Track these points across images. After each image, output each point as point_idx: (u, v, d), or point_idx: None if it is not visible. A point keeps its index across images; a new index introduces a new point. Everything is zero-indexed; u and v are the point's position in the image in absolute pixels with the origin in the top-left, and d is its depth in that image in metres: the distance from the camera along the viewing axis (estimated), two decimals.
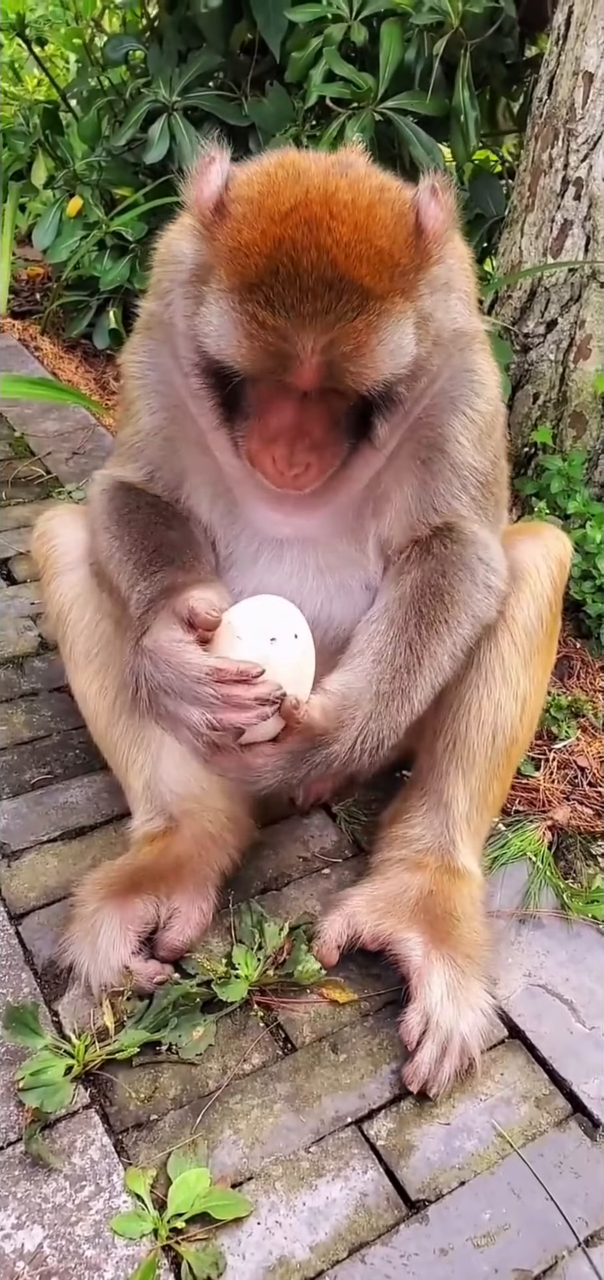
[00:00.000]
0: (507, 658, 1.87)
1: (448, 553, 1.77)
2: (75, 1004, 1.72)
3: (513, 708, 1.89)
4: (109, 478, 1.90)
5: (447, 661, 1.74)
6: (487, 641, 1.87)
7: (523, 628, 1.88)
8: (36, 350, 4.43)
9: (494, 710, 1.87)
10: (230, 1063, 1.66)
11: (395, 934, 1.76)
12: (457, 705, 1.89)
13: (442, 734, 1.90)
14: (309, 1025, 1.73)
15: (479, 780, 1.89)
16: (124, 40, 4.24)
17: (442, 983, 1.69)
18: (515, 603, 1.88)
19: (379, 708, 1.66)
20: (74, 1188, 1.46)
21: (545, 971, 1.88)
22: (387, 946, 1.77)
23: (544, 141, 2.90)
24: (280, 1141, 1.55)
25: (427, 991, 1.68)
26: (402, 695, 1.69)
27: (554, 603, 1.93)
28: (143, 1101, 1.59)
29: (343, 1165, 1.53)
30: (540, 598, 1.89)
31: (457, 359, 1.73)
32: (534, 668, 1.91)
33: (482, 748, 1.88)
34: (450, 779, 1.88)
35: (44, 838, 2.04)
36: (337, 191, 1.52)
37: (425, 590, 1.75)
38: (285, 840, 2.10)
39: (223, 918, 1.89)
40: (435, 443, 1.76)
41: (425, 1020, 1.66)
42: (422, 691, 1.71)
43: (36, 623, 2.69)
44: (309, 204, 1.50)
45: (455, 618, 1.75)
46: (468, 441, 1.77)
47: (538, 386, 3.01)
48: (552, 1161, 1.56)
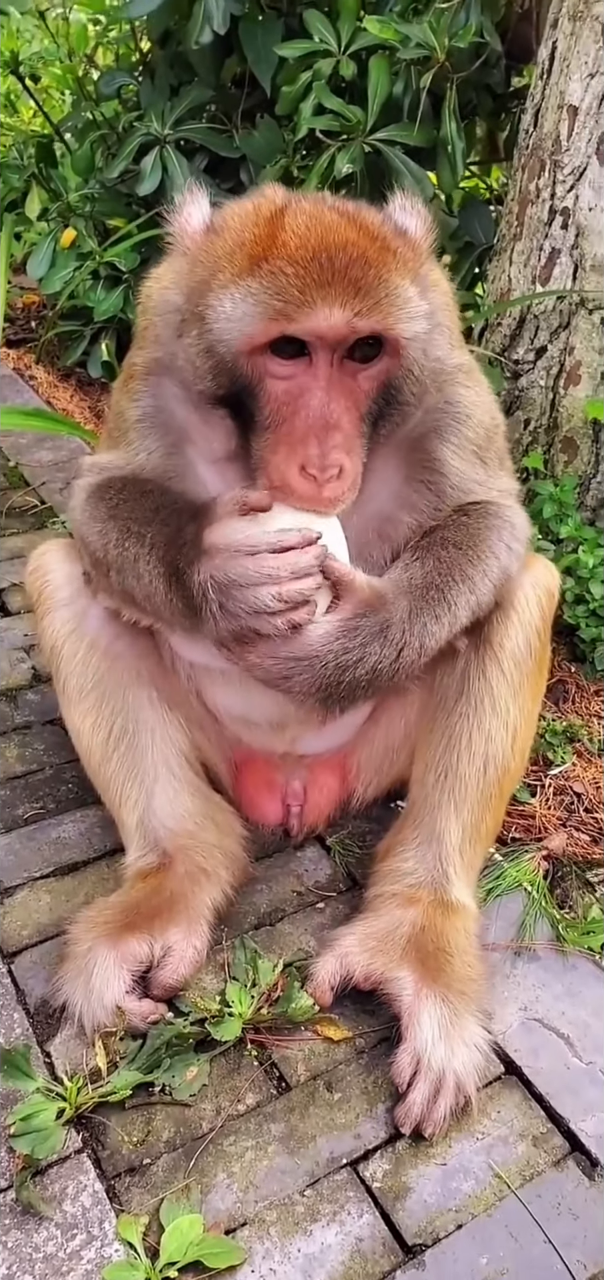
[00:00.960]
0: (496, 688, 1.87)
1: (474, 509, 1.80)
2: (68, 1044, 1.70)
3: (504, 738, 1.88)
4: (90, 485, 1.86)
5: (478, 582, 1.74)
6: (476, 671, 1.87)
7: (512, 657, 1.87)
8: (31, 379, 4.45)
9: (485, 741, 1.87)
10: (224, 1103, 1.64)
11: (387, 973, 1.75)
12: (448, 737, 1.88)
13: (433, 766, 1.89)
14: (303, 1063, 1.72)
15: (472, 812, 1.88)
16: (117, 75, 4.29)
17: (433, 1021, 1.67)
18: (504, 632, 1.87)
19: (415, 594, 1.66)
20: (65, 1236, 1.44)
21: (541, 1005, 1.86)
22: (378, 986, 1.75)
23: (531, 172, 2.93)
24: (275, 1184, 1.53)
25: (417, 1031, 1.67)
26: (438, 593, 1.68)
27: (543, 632, 1.93)
28: (135, 1145, 1.57)
29: (338, 1209, 1.51)
30: (529, 627, 1.89)
31: (435, 394, 1.74)
32: (524, 697, 1.91)
33: (473, 779, 1.87)
34: (442, 811, 1.87)
35: (37, 874, 2.03)
36: (322, 199, 1.63)
37: (452, 527, 1.77)
38: (279, 874, 2.08)
39: (216, 954, 1.88)
40: (434, 467, 1.79)
41: (416, 1061, 1.65)
42: (457, 597, 1.70)
43: (30, 655, 2.68)
44: (300, 203, 1.59)
45: (482, 553, 1.75)
46: (464, 464, 1.80)
47: (529, 412, 3.02)
48: (550, 1203, 1.55)
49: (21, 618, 2.84)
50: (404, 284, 1.55)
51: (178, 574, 1.62)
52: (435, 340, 1.69)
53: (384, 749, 2.09)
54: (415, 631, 1.64)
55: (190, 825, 1.96)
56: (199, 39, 3.42)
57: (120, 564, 1.74)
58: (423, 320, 1.59)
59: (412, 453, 1.79)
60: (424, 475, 1.80)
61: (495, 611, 1.85)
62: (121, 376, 1.91)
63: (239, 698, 1.95)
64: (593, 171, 2.76)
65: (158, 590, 1.67)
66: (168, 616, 1.71)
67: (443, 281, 1.81)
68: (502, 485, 1.90)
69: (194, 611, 1.60)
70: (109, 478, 1.83)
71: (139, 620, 1.85)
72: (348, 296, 1.49)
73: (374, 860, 2.00)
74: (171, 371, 1.73)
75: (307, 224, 1.53)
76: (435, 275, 1.76)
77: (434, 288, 1.72)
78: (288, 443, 1.57)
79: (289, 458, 1.57)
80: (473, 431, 1.81)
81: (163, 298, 1.74)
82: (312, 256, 1.49)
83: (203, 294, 1.58)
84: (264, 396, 1.59)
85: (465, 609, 1.72)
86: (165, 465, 1.81)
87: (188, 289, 1.64)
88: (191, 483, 1.80)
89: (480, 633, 1.85)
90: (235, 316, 1.52)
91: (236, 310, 1.52)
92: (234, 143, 3.83)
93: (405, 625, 1.63)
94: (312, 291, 1.48)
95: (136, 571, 1.71)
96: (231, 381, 1.59)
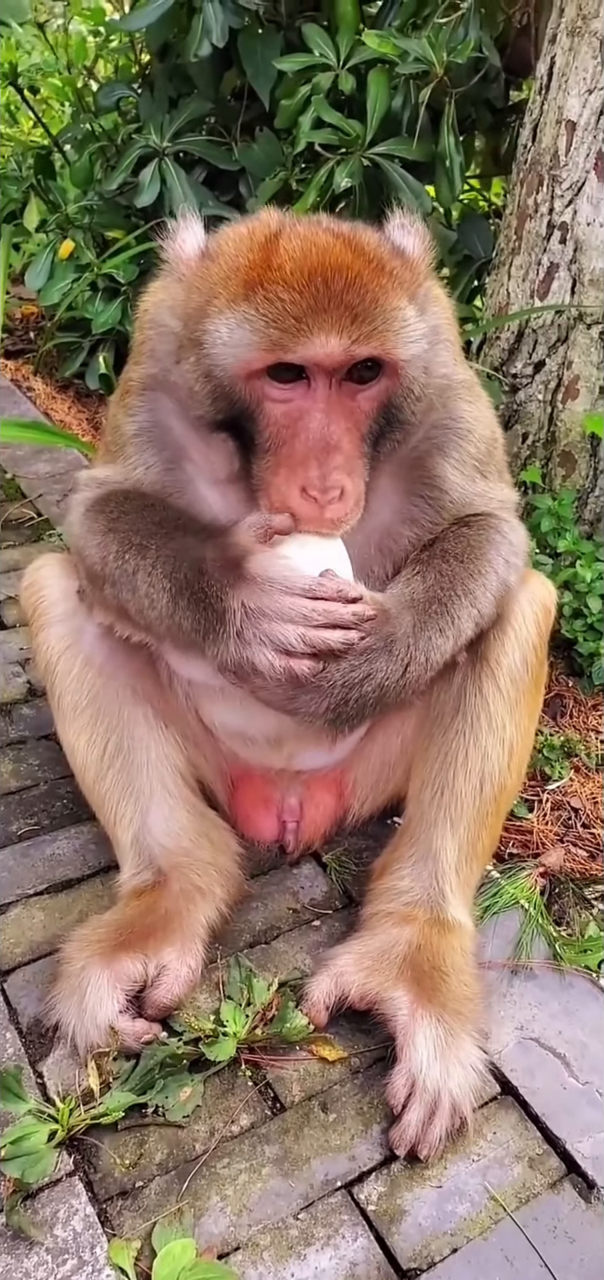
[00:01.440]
0: (493, 705, 1.86)
1: (473, 521, 1.81)
2: (60, 1065, 1.69)
3: (500, 754, 1.87)
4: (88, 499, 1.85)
5: (479, 595, 1.74)
6: (472, 688, 1.86)
7: (508, 674, 1.86)
8: (29, 390, 4.44)
9: (481, 758, 1.86)
10: (218, 1124, 1.63)
11: (382, 992, 1.74)
12: (444, 754, 1.87)
13: (429, 783, 1.88)
14: (298, 1084, 1.70)
15: (468, 830, 1.87)
16: (116, 87, 4.29)
17: (428, 1042, 1.66)
18: (501, 649, 1.86)
19: (419, 610, 1.67)
20: (56, 1261, 1.42)
21: (538, 1024, 1.85)
22: (374, 1005, 1.74)
23: (529, 187, 2.93)
24: (268, 1208, 1.52)
25: (412, 1052, 1.66)
26: (441, 606, 1.69)
27: (539, 648, 1.92)
28: (128, 1168, 1.55)
29: (332, 1233, 1.50)
30: (526, 644, 1.88)
31: (439, 409, 1.75)
32: (521, 714, 1.90)
33: (470, 797, 1.86)
34: (439, 829, 1.86)
35: (30, 891, 2.02)
36: (318, 221, 1.62)
37: (452, 540, 1.77)
38: (275, 892, 2.07)
39: (211, 972, 1.87)
40: (435, 484, 1.79)
41: (411, 1082, 1.63)
42: (460, 610, 1.71)
43: (25, 669, 2.67)
44: (295, 226, 1.59)
45: (482, 567, 1.76)
46: (464, 480, 1.81)
47: (527, 426, 3.02)
48: (546, 1226, 1.53)
49: (17, 631, 2.83)
50: (402, 305, 1.55)
51: (193, 594, 1.60)
52: (439, 357, 1.70)
53: (380, 765, 2.08)
54: (420, 646, 1.64)
55: (185, 843, 1.95)
56: (198, 52, 3.43)
57: (117, 577, 1.72)
58: (422, 340, 1.59)
59: (412, 469, 1.79)
60: (424, 491, 1.80)
61: (492, 628, 1.84)
62: (118, 391, 1.91)
63: (237, 714, 1.94)
64: (591, 186, 2.76)
65: (158, 605, 1.66)
66: (164, 632, 1.70)
67: (443, 297, 1.82)
68: (501, 496, 1.90)
69: (205, 633, 1.58)
70: (109, 491, 1.83)
71: (132, 635, 1.84)
72: (345, 323, 1.49)
73: (370, 878, 1.99)
74: (168, 388, 1.73)
75: (301, 248, 1.53)
76: (435, 292, 1.76)
77: (435, 304, 1.72)
78: (288, 465, 1.57)
79: (290, 480, 1.57)
80: (474, 446, 1.82)
81: (159, 317, 1.74)
82: (307, 281, 1.48)
83: (199, 320, 1.58)
84: (263, 420, 1.58)
85: (468, 622, 1.73)
86: (164, 480, 1.80)
87: (184, 315, 1.64)
88: (191, 499, 1.79)
89: (477, 649, 1.85)
90: (232, 343, 1.52)
91: (233, 337, 1.52)
92: (233, 156, 3.83)
93: (410, 640, 1.63)
94: (308, 319, 1.48)
95: (133, 585, 1.69)
96: (230, 405, 1.59)
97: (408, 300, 1.58)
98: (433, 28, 2.94)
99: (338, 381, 1.56)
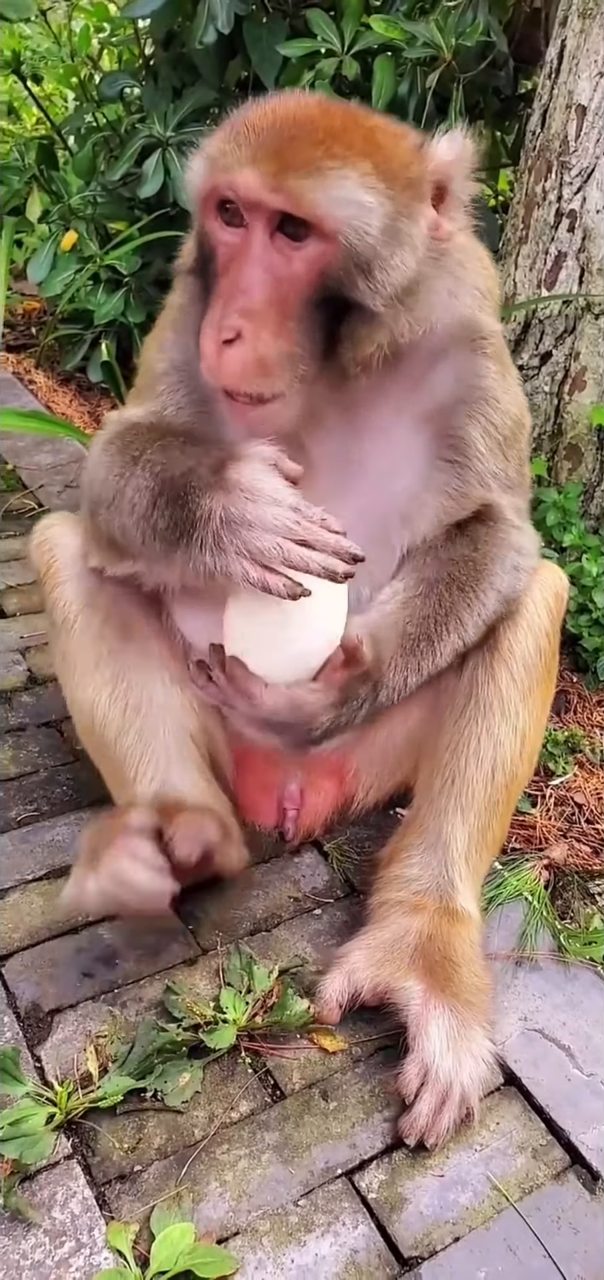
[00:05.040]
0: (505, 692, 1.84)
1: (481, 532, 1.81)
2: (58, 1049, 1.67)
3: (513, 743, 1.85)
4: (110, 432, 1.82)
5: (470, 627, 1.79)
6: (485, 676, 1.85)
7: (521, 661, 1.85)
8: (30, 383, 4.43)
9: (493, 746, 1.83)
10: (217, 1111, 1.61)
11: (394, 982, 1.71)
12: (455, 741, 1.85)
13: (440, 771, 1.86)
14: (299, 1071, 1.68)
15: (478, 818, 1.85)
16: (119, 77, 4.27)
17: (441, 1032, 1.63)
18: (513, 637, 1.85)
19: (406, 645, 1.72)
20: (54, 1243, 1.40)
21: (542, 1015, 1.83)
22: (386, 996, 1.71)
23: (537, 174, 2.91)
24: (268, 1194, 1.50)
25: (425, 1041, 1.63)
26: (427, 641, 1.74)
27: (552, 636, 1.90)
28: (126, 1152, 1.53)
29: (333, 1220, 1.47)
30: (538, 631, 1.87)
31: (466, 355, 1.73)
32: (533, 702, 1.88)
33: (481, 785, 1.84)
34: (449, 817, 1.84)
35: (29, 876, 2.00)
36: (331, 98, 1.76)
37: (456, 560, 1.79)
38: (276, 880, 2.05)
39: (211, 959, 1.85)
40: (461, 447, 1.78)
41: (424, 1072, 1.61)
42: (445, 645, 1.76)
43: (25, 657, 2.65)
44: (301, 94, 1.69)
45: (483, 590, 1.79)
46: (488, 450, 1.79)
47: (533, 419, 2.98)
48: (549, 1216, 1.51)
49: (17, 619, 2.82)
50: (345, 172, 1.52)
51: (175, 494, 1.57)
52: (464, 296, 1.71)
53: (385, 753, 2.06)
54: (397, 684, 1.72)
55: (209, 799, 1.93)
56: (203, 39, 3.41)
57: (111, 496, 1.69)
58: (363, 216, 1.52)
59: (439, 431, 1.77)
60: (449, 454, 1.79)
61: (504, 619, 1.84)
62: (154, 328, 1.90)
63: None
64: (601, 172, 2.73)
65: (138, 508, 1.63)
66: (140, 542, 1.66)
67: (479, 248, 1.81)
68: (518, 504, 1.89)
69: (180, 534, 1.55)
70: (133, 423, 1.80)
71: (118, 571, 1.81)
72: (270, 165, 1.50)
73: (377, 866, 1.95)
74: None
75: (278, 104, 1.58)
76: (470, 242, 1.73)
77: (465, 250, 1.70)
78: (211, 308, 1.57)
79: (206, 324, 1.56)
80: (499, 417, 1.80)
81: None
82: (260, 126, 1.54)
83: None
84: (216, 264, 1.61)
85: (448, 656, 1.79)
86: (194, 423, 1.78)
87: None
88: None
89: (488, 639, 1.84)
90: (193, 173, 1.61)
91: (194, 168, 1.60)
92: None
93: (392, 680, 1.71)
94: (243, 153, 1.52)
95: (122, 496, 1.66)
96: (201, 249, 1.63)
97: (365, 176, 1.53)
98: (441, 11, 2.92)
99: (271, 233, 1.54)
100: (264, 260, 1.53)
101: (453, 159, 1.60)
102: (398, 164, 1.58)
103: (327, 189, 1.50)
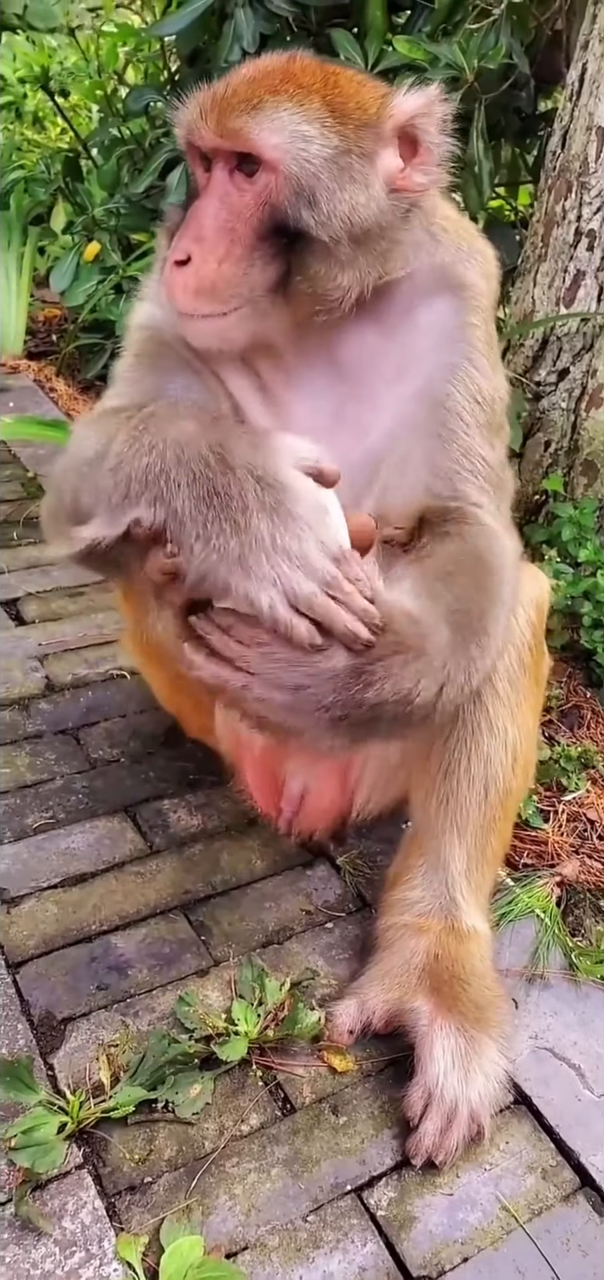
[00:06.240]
0: (492, 709, 1.81)
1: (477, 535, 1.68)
2: (71, 1057, 1.68)
3: (504, 759, 1.82)
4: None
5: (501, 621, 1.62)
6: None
7: (506, 677, 1.81)
8: (51, 391, 4.47)
9: (484, 765, 1.81)
10: (227, 1123, 1.61)
11: (402, 1004, 1.72)
12: (447, 763, 1.82)
13: (434, 792, 1.84)
14: (309, 1085, 1.69)
15: (475, 836, 1.83)
16: (145, 92, 4.31)
17: (446, 1053, 1.64)
18: None
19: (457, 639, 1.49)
20: (64, 1254, 1.41)
21: (553, 1034, 1.83)
22: (396, 1019, 1.72)
23: (557, 194, 2.92)
24: (277, 1209, 1.50)
25: (428, 1063, 1.63)
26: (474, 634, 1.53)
27: (535, 646, 1.87)
28: (137, 1163, 1.54)
29: (342, 1236, 1.48)
30: (520, 644, 1.82)
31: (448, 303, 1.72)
32: (523, 715, 1.85)
33: (475, 804, 1.82)
34: (446, 838, 1.83)
35: (44, 884, 2.01)
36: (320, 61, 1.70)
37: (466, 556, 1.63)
38: (288, 892, 2.06)
39: (223, 970, 1.86)
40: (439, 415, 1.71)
41: (427, 1094, 1.61)
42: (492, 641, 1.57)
43: (43, 664, 2.68)
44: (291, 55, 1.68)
45: (498, 586, 1.63)
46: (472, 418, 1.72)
47: (549, 434, 3.00)
48: (559, 1238, 1.51)
49: (37, 626, 2.84)
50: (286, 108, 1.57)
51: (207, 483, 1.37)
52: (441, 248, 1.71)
53: (381, 762, 2.04)
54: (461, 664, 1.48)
55: None
56: (229, 57, 3.43)
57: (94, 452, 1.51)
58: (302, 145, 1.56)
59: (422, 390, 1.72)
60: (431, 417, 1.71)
61: None
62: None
63: None
64: None
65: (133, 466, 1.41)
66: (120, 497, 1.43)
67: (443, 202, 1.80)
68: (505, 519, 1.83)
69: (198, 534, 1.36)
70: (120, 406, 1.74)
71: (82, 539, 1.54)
72: (223, 109, 1.58)
73: (384, 887, 1.96)
74: None
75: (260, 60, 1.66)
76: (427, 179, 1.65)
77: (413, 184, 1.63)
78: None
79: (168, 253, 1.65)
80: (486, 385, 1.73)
81: None
82: (230, 79, 1.61)
83: None
84: None
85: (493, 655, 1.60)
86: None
87: None
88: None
89: None
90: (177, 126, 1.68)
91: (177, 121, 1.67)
92: None
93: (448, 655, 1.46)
94: (204, 102, 1.60)
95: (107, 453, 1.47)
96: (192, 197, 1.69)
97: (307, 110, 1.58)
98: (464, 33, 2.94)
99: (230, 172, 1.62)
100: (220, 194, 1.61)
101: (416, 108, 1.60)
102: (353, 104, 1.61)
103: (264, 122, 1.57)
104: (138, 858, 2.10)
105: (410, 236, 1.69)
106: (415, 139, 1.61)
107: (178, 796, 2.27)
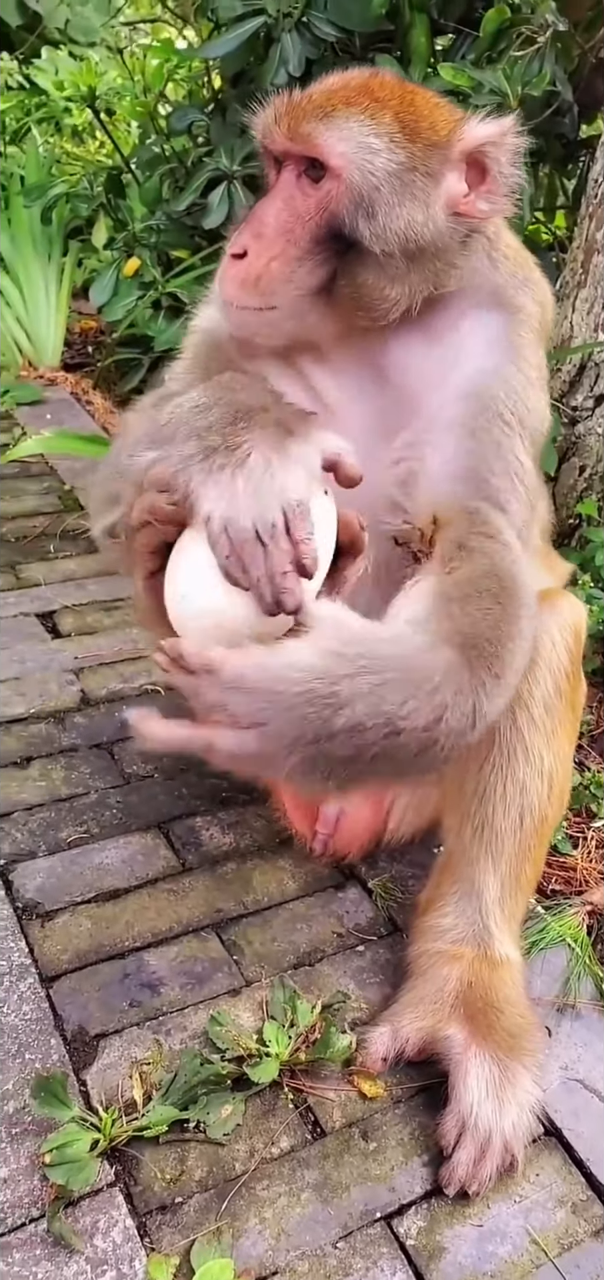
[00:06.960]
0: (528, 737, 1.80)
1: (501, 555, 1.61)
2: (104, 1074, 1.69)
3: (540, 787, 1.82)
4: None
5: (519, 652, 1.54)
6: (506, 722, 1.77)
7: (542, 703, 1.80)
8: (88, 404, 4.52)
9: (519, 793, 1.80)
10: (258, 1145, 1.62)
11: (436, 1031, 1.72)
12: (482, 789, 1.82)
13: (468, 819, 1.84)
14: (339, 1109, 1.69)
15: (510, 864, 1.83)
16: (189, 111, 4.35)
17: (481, 1082, 1.64)
18: (533, 679, 1.78)
19: (464, 661, 1.40)
20: (95, 1271, 1.42)
21: (583, 1065, 1.82)
22: (429, 1047, 1.72)
23: (598, 221, 2.92)
24: (307, 1234, 1.51)
25: (463, 1092, 1.63)
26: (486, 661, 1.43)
27: (572, 673, 1.86)
28: (168, 1183, 1.55)
29: (371, 1265, 1.48)
30: (558, 671, 1.82)
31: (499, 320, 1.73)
32: (559, 742, 1.84)
33: (510, 831, 1.82)
34: (480, 865, 1.82)
35: (78, 899, 2.03)
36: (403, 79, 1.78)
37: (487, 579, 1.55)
38: (320, 914, 2.07)
39: (255, 991, 1.87)
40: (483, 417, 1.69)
41: (461, 1123, 1.61)
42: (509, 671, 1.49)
43: (79, 677, 2.70)
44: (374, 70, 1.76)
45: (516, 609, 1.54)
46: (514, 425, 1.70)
47: (585, 459, 3.00)
48: (589, 1274, 1.50)
49: (72, 639, 2.87)
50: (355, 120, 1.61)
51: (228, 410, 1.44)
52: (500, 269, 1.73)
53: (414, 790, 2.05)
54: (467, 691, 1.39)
55: None
56: (275, 80, 3.46)
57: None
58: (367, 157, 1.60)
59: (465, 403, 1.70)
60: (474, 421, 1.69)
61: None
62: None
63: None
64: None
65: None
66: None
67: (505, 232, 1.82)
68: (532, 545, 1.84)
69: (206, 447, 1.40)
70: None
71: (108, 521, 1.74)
72: (293, 116, 1.63)
73: (415, 912, 1.96)
74: None
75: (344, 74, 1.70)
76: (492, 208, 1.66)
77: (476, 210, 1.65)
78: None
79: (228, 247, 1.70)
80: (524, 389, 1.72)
81: None
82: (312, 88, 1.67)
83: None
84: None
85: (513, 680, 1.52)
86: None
87: None
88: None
89: None
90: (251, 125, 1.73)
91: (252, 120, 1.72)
92: None
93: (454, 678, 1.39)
94: (280, 107, 1.65)
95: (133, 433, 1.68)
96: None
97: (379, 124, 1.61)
98: (508, 61, 2.95)
99: (297, 175, 1.65)
100: (284, 195, 1.66)
101: (488, 136, 1.62)
102: (426, 124, 1.63)
103: (334, 129, 1.61)
104: (170, 875, 2.11)
105: (469, 261, 1.71)
106: (484, 166, 1.64)
107: (210, 814, 2.29)
